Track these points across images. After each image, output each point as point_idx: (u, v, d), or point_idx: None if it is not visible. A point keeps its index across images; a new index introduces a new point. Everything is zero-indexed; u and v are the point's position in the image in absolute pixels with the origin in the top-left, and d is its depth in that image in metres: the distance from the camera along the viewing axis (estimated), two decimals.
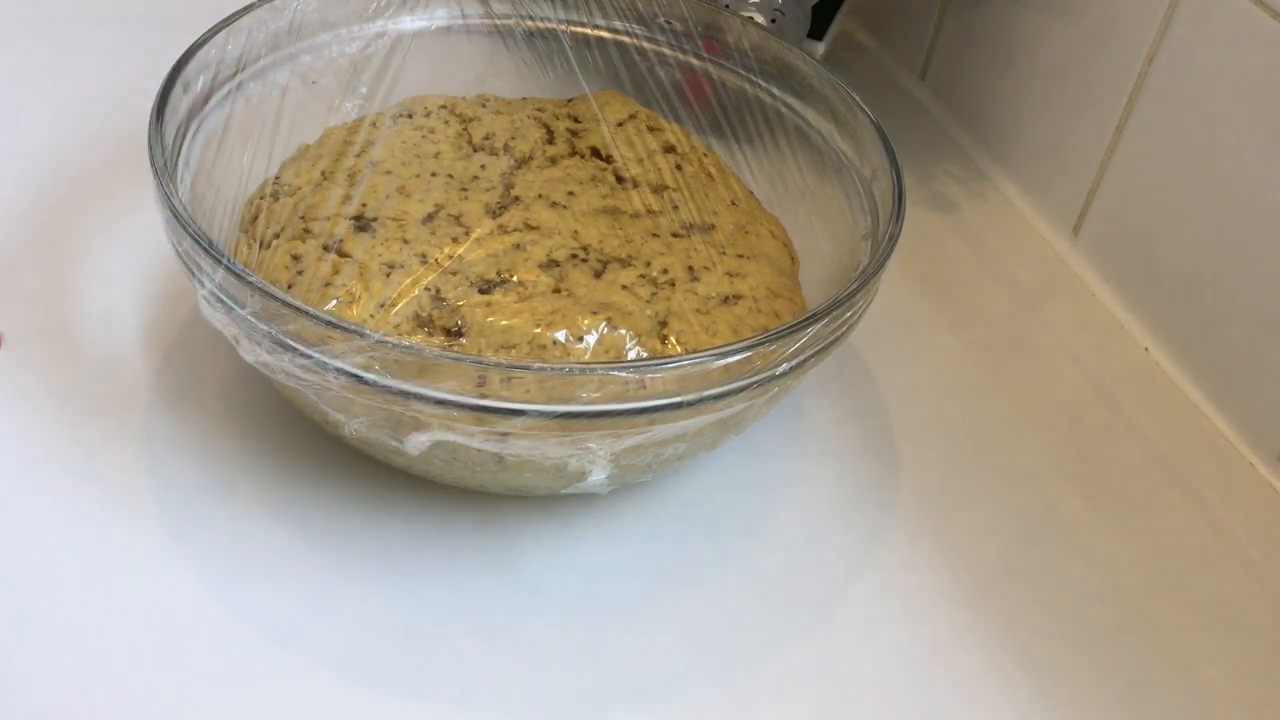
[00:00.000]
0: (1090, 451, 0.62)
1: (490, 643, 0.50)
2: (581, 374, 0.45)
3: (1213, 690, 0.52)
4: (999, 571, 0.55)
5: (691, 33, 0.66)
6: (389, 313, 0.51)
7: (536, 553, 0.53)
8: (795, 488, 0.58)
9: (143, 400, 0.57)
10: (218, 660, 0.48)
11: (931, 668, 0.51)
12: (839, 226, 0.60)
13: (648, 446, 0.48)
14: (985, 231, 0.75)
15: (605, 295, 0.53)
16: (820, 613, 0.53)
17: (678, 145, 0.63)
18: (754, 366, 0.47)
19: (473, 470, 0.50)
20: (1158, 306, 0.68)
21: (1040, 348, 0.68)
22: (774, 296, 0.56)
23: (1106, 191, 0.70)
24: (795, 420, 0.61)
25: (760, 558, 0.55)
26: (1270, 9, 0.58)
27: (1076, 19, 0.71)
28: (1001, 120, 0.78)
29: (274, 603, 0.50)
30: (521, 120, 0.63)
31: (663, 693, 0.49)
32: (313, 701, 0.47)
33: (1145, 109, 0.67)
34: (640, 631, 0.51)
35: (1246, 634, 0.54)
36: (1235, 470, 0.62)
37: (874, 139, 0.58)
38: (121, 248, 0.63)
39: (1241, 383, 0.63)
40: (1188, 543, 0.58)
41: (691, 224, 0.59)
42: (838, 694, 0.50)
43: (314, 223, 0.55)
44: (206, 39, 0.56)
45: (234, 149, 0.58)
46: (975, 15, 0.79)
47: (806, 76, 0.63)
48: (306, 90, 0.62)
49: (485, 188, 0.58)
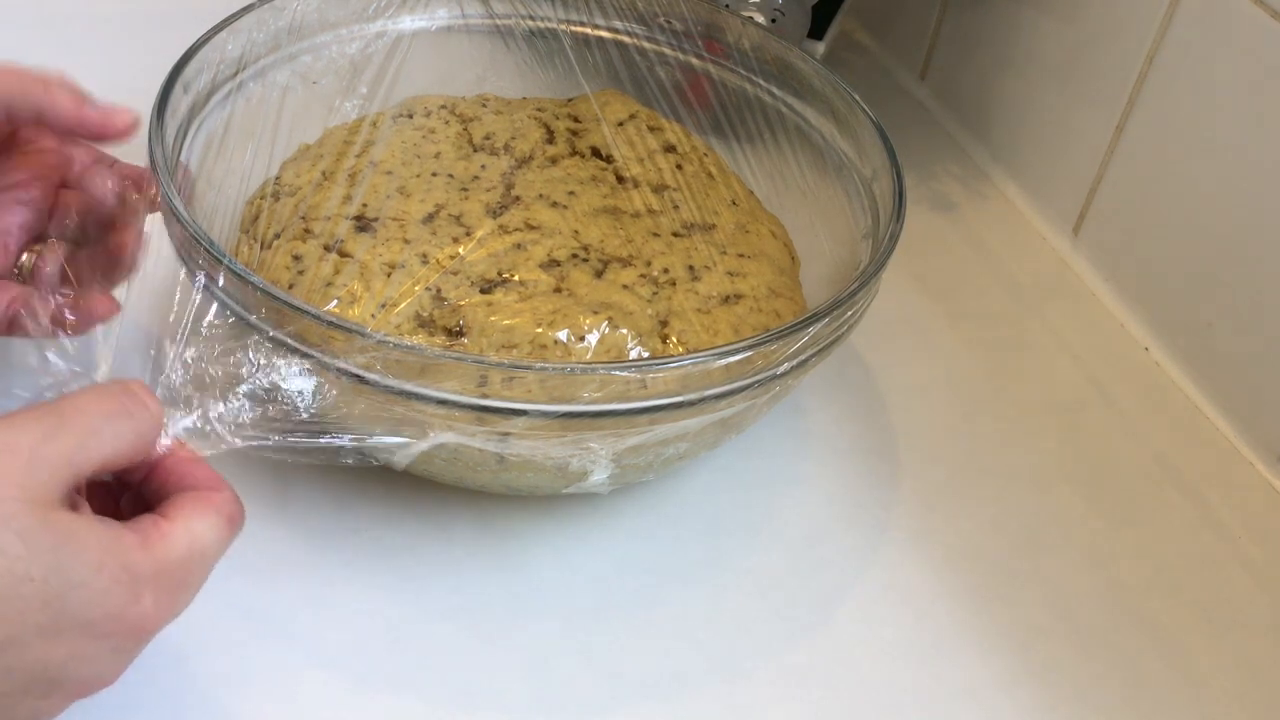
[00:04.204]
0: (1090, 451, 0.62)
1: (490, 643, 0.50)
2: (583, 374, 0.45)
3: (1213, 690, 0.52)
4: (999, 571, 0.55)
5: (692, 32, 0.66)
6: (390, 313, 0.51)
7: (537, 552, 0.53)
8: (795, 487, 0.58)
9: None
10: (217, 659, 0.48)
11: (931, 668, 0.51)
12: (839, 226, 0.60)
13: (649, 446, 0.48)
14: (985, 231, 0.76)
15: (606, 295, 0.53)
16: (820, 613, 0.53)
17: (678, 145, 0.63)
18: (755, 366, 0.47)
19: (474, 470, 0.50)
20: (1158, 306, 0.68)
21: (1040, 348, 0.68)
22: (775, 296, 0.56)
23: (1106, 191, 0.70)
24: (795, 420, 0.61)
25: (760, 558, 0.55)
26: (1270, 9, 0.58)
27: (1076, 19, 0.71)
28: (1001, 120, 0.78)
29: (273, 602, 0.50)
30: (522, 120, 0.63)
31: (663, 693, 0.49)
32: (312, 701, 0.47)
33: (1145, 109, 0.67)
34: (640, 631, 0.51)
35: (1246, 634, 0.54)
36: (1235, 470, 0.62)
37: (874, 139, 0.58)
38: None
39: (1241, 383, 0.63)
40: (1188, 543, 0.58)
41: (692, 223, 0.59)
42: (838, 693, 0.50)
43: (315, 223, 0.55)
44: (206, 39, 0.56)
45: (234, 149, 0.58)
46: (975, 15, 0.79)
47: (807, 76, 0.63)
48: (306, 90, 0.62)
49: (486, 188, 0.58)
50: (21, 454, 0.35)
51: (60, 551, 0.35)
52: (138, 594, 0.36)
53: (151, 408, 0.39)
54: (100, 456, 0.37)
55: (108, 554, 0.36)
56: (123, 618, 0.36)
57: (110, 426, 0.38)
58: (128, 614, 0.36)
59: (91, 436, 0.37)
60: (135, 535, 0.37)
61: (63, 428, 0.36)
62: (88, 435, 0.37)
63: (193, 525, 0.38)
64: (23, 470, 0.35)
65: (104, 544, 0.36)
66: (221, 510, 0.39)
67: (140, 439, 0.39)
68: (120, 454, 0.38)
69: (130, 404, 0.39)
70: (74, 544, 0.35)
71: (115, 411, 0.38)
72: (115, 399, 0.38)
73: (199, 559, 0.38)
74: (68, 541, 0.35)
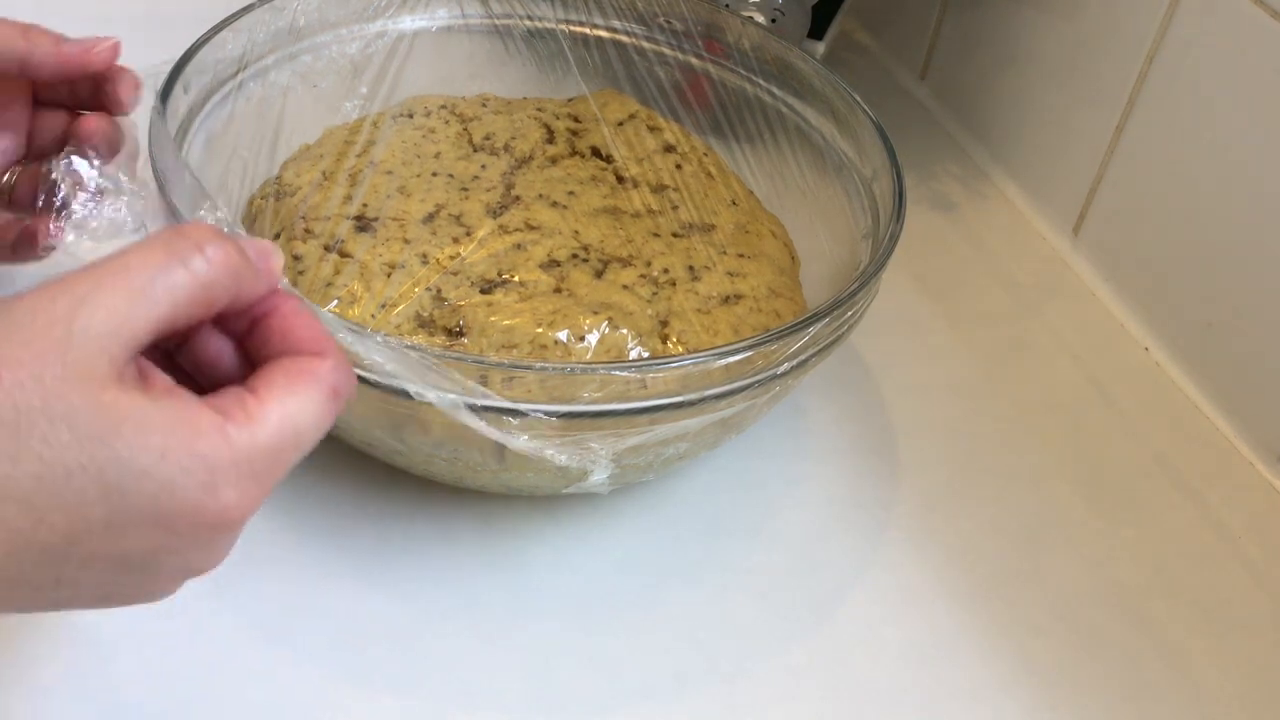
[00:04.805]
0: (1090, 451, 0.62)
1: (490, 643, 0.50)
2: (583, 374, 0.45)
3: (1213, 690, 0.52)
4: (999, 571, 0.55)
5: (691, 32, 0.66)
6: (390, 313, 0.51)
7: (537, 552, 0.53)
8: (795, 487, 0.58)
9: None
10: (217, 659, 0.48)
11: (932, 667, 0.51)
12: (839, 226, 0.60)
13: (649, 446, 0.48)
14: (985, 231, 0.76)
15: (606, 295, 0.53)
16: (821, 613, 0.53)
17: (678, 145, 0.63)
18: (755, 366, 0.47)
19: (474, 470, 0.50)
20: (1158, 306, 0.68)
21: (1040, 348, 0.68)
22: (775, 296, 0.56)
23: (1106, 191, 0.70)
24: (795, 420, 0.61)
25: (760, 558, 0.55)
26: (1270, 9, 0.58)
27: (1076, 19, 0.71)
28: (1001, 120, 0.78)
29: (273, 601, 0.50)
30: (521, 120, 0.63)
31: (663, 693, 0.49)
32: (312, 700, 0.47)
33: (1145, 109, 0.67)
34: (640, 631, 0.51)
35: (1246, 634, 0.54)
36: (1235, 470, 0.62)
37: (874, 139, 0.58)
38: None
39: (1241, 383, 0.63)
40: (1188, 543, 0.58)
41: (692, 223, 0.59)
42: (838, 693, 0.50)
43: (315, 223, 0.55)
44: (206, 39, 0.56)
45: (234, 149, 0.58)
46: (975, 15, 0.79)
47: (807, 76, 0.63)
48: (306, 90, 0.62)
49: (486, 188, 0.58)
50: (57, 327, 0.31)
51: (115, 437, 0.31)
52: (213, 484, 0.32)
53: (211, 253, 0.33)
54: (155, 318, 0.32)
55: (174, 438, 0.31)
56: (199, 511, 0.32)
57: (162, 280, 0.32)
58: (205, 506, 0.32)
59: (139, 296, 0.32)
60: (214, 415, 0.32)
61: (102, 289, 0.31)
62: (134, 296, 0.32)
63: (287, 402, 0.33)
64: (61, 345, 0.30)
65: (171, 426, 0.31)
66: (322, 382, 0.34)
67: (206, 290, 0.33)
68: (181, 311, 0.33)
69: (185, 249, 0.33)
70: (132, 427, 0.31)
71: (164, 263, 0.32)
72: (164, 248, 0.33)
73: (292, 441, 0.34)
74: (123, 424, 0.31)
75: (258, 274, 0.35)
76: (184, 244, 0.33)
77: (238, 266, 0.34)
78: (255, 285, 0.35)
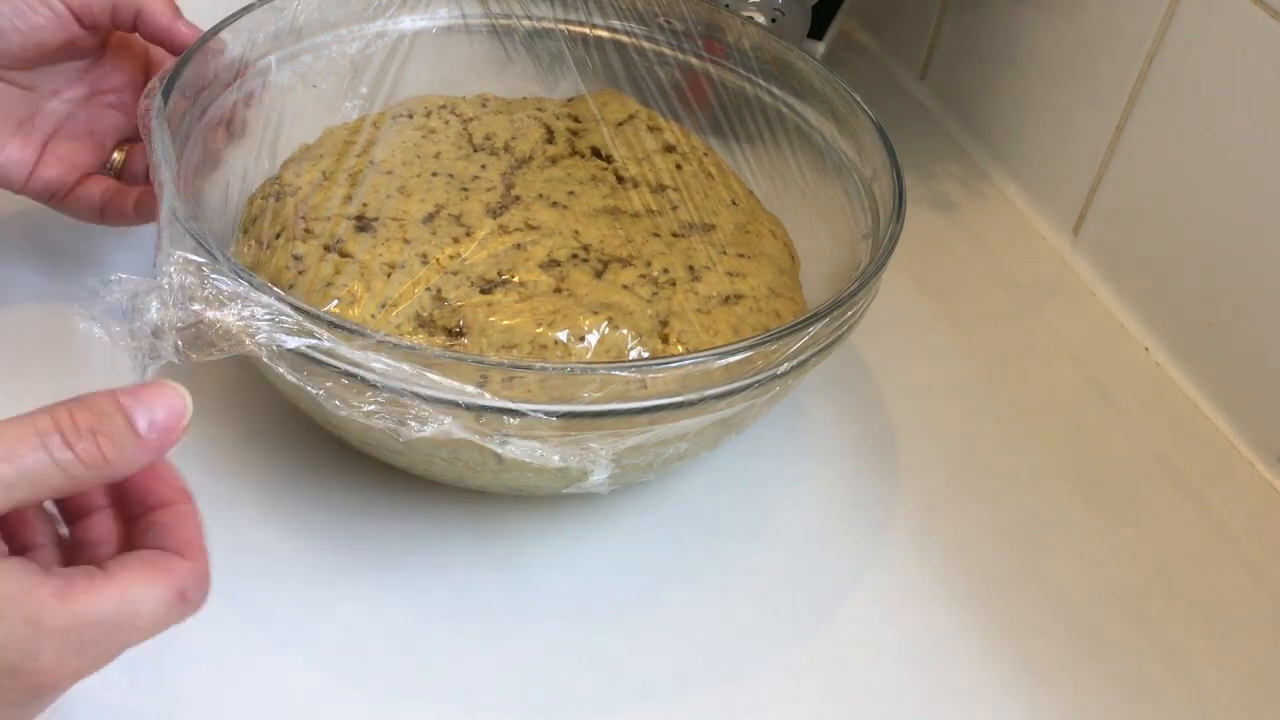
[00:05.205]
0: (1090, 451, 0.62)
1: (490, 643, 0.50)
2: (583, 374, 0.45)
3: (1213, 690, 0.52)
4: (999, 571, 0.55)
5: (691, 32, 0.66)
6: (390, 313, 0.51)
7: (537, 552, 0.53)
8: (795, 487, 0.58)
9: None
10: (217, 659, 0.48)
11: (932, 667, 0.51)
12: (839, 226, 0.60)
13: (649, 446, 0.48)
14: (985, 231, 0.76)
15: (606, 295, 0.53)
16: (821, 613, 0.53)
17: (678, 145, 0.63)
18: (755, 366, 0.47)
19: (474, 470, 0.50)
20: (1158, 306, 0.68)
21: (1040, 348, 0.68)
22: (775, 296, 0.56)
23: (1106, 191, 0.70)
24: (795, 420, 0.61)
25: (760, 558, 0.55)
26: (1270, 9, 0.58)
27: (1076, 19, 0.71)
28: (1001, 120, 0.78)
29: (273, 602, 0.50)
30: (521, 120, 0.63)
31: (663, 693, 0.49)
32: (312, 701, 0.47)
33: (1145, 109, 0.67)
34: (640, 631, 0.51)
35: (1246, 634, 0.54)
36: (1235, 470, 0.62)
37: (874, 139, 0.58)
38: (121, 247, 0.63)
39: (1241, 383, 0.63)
40: (1188, 543, 0.58)
41: (692, 223, 0.59)
42: (838, 693, 0.50)
43: (315, 223, 0.55)
44: (206, 39, 0.56)
45: (234, 149, 0.58)
46: (975, 15, 0.79)
47: (807, 76, 0.63)
48: (306, 90, 0.62)
49: (486, 188, 0.58)
50: None
51: None
52: (37, 649, 0.33)
53: (82, 449, 0.35)
54: (6, 499, 0.34)
55: (7, 603, 0.33)
56: (16, 672, 0.33)
57: (20, 464, 0.34)
58: (22, 668, 0.33)
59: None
60: (53, 585, 0.34)
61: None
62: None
63: (131, 587, 0.35)
64: None
65: (6, 592, 0.33)
66: (173, 582, 0.36)
67: (73, 481, 0.35)
68: (40, 495, 0.35)
69: (49, 434, 0.34)
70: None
71: (31, 452, 0.34)
72: (36, 436, 0.34)
73: (129, 622, 0.35)
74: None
75: (139, 448, 0.36)
76: (51, 428, 0.34)
77: (108, 454, 0.35)
78: (134, 458, 0.36)
